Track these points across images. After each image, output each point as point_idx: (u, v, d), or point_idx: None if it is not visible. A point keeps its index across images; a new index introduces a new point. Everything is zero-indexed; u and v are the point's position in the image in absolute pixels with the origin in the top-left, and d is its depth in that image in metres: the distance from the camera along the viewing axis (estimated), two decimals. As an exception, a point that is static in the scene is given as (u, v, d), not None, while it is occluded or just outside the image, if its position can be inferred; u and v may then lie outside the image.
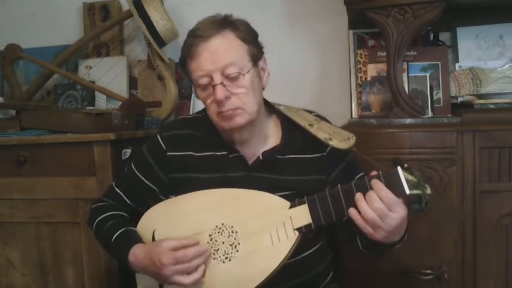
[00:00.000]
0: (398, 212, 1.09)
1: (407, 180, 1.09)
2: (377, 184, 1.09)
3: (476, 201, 1.54)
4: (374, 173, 1.14)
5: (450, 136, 1.54)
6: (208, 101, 1.24)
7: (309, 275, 1.31)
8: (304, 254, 1.22)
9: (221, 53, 1.20)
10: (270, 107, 1.35)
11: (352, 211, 1.11)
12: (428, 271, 1.55)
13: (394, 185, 1.09)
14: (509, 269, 1.55)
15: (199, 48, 1.21)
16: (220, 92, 1.19)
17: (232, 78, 1.20)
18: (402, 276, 1.55)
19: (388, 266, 1.55)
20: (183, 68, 1.29)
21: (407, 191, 1.08)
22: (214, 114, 1.24)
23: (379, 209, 1.08)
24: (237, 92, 1.21)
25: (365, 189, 1.11)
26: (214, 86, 1.20)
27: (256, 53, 1.27)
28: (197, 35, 1.22)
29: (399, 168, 1.10)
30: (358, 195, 1.10)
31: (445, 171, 1.54)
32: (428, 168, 1.54)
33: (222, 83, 1.19)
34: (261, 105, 1.29)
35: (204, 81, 1.21)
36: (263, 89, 1.31)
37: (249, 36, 1.26)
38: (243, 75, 1.21)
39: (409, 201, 1.10)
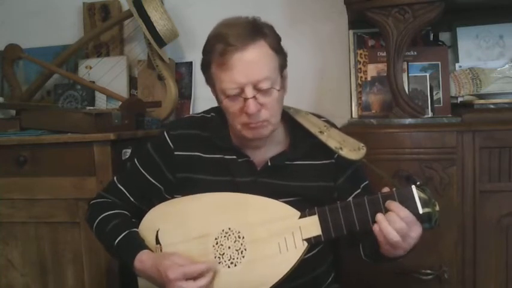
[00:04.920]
0: (416, 231, 1.10)
1: (419, 198, 1.09)
2: (394, 205, 1.09)
3: (476, 201, 1.54)
4: (386, 189, 1.13)
5: (450, 136, 1.54)
6: (236, 111, 1.21)
7: (311, 276, 1.30)
8: (306, 256, 1.22)
9: (256, 66, 1.17)
10: None
11: (377, 229, 1.10)
12: (428, 271, 1.55)
13: (407, 204, 1.09)
14: (509, 269, 1.55)
15: (233, 58, 1.16)
16: (253, 106, 1.16)
17: (264, 92, 1.18)
18: (402, 276, 1.55)
19: (388, 266, 1.55)
20: (206, 72, 1.25)
21: (421, 211, 1.09)
22: (240, 124, 1.22)
23: (401, 229, 1.08)
24: (266, 105, 1.19)
25: (378, 204, 1.11)
26: (246, 99, 1.17)
27: (283, 63, 1.25)
28: (230, 44, 1.16)
29: (414, 187, 1.10)
30: (380, 217, 1.10)
31: (445, 171, 1.54)
32: (428, 168, 1.54)
33: (254, 97, 1.17)
34: None
35: (234, 92, 1.18)
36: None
37: (277, 43, 1.24)
38: (278, 90, 1.20)
39: (421, 220, 1.11)
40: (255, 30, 1.19)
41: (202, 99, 2.27)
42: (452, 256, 1.56)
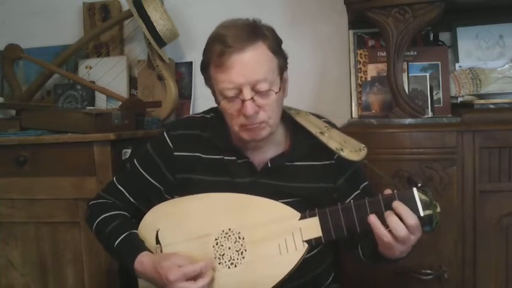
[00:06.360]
0: (417, 236, 1.10)
1: (420, 200, 1.09)
2: (403, 209, 1.08)
3: (476, 201, 1.54)
4: (388, 191, 1.13)
5: (450, 136, 1.54)
6: (234, 113, 1.20)
7: (310, 276, 1.30)
8: (306, 256, 1.22)
9: (254, 67, 1.16)
10: None
11: (377, 230, 1.10)
12: (428, 271, 1.55)
13: (408, 206, 1.09)
14: (509, 269, 1.55)
15: (232, 59, 1.15)
16: (250, 108, 1.16)
17: (262, 93, 1.18)
18: (402, 276, 1.55)
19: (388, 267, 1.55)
20: (205, 72, 1.25)
21: (422, 213, 1.09)
22: (237, 125, 1.21)
23: (405, 236, 1.08)
24: (264, 107, 1.19)
25: (378, 206, 1.11)
26: (244, 101, 1.17)
27: (283, 65, 1.25)
28: (228, 45, 1.15)
29: (415, 190, 1.10)
30: (375, 222, 1.09)
31: (445, 171, 1.54)
32: (428, 168, 1.54)
33: (252, 98, 1.17)
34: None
35: (232, 93, 1.18)
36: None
37: (277, 45, 1.23)
38: (276, 92, 1.20)
39: (422, 222, 1.10)
40: (254, 32, 1.19)
41: (202, 99, 2.27)
42: (452, 256, 1.56)
